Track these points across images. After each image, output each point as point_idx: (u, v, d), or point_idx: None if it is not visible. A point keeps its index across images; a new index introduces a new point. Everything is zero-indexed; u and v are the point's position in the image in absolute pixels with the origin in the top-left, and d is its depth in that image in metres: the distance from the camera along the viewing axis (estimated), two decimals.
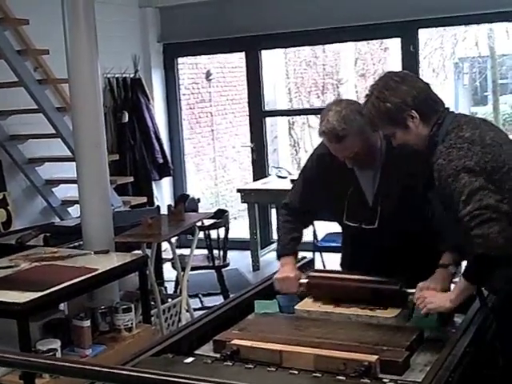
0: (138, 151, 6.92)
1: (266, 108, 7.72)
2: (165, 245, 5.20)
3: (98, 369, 1.56)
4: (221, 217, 5.33)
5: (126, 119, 6.80)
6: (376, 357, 2.01)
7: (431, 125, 2.31)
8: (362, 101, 2.48)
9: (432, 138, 2.31)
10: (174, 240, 4.97)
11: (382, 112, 2.31)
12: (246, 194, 6.64)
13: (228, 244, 5.43)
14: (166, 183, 7.54)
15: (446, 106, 2.38)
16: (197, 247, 4.81)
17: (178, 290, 4.91)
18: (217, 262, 5.35)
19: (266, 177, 7.11)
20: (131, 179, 6.50)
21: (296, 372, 2.01)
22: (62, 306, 3.67)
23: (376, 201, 2.63)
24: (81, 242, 4.10)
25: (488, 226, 2.06)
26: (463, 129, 2.25)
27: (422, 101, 2.30)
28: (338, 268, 2.92)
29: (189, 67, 9.80)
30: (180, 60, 7.89)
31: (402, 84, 2.32)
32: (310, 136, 11.85)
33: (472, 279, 2.19)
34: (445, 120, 2.30)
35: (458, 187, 2.13)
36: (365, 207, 2.66)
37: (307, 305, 2.60)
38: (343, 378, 1.94)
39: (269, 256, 6.96)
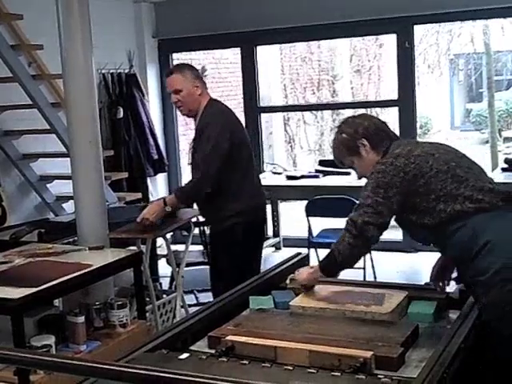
0: (133, 147, 6.90)
1: (261, 104, 7.71)
2: (160, 241, 5.19)
3: (93, 365, 1.56)
4: None
5: (121, 115, 6.78)
6: (371, 353, 2.02)
7: (381, 152, 2.61)
8: (357, 97, 2.63)
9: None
10: (168, 236, 4.97)
11: (340, 142, 2.70)
12: None
13: None
14: (161, 179, 7.53)
15: (398, 137, 2.71)
16: (192, 243, 4.81)
17: (173, 286, 4.91)
18: None
19: (260, 173, 7.10)
20: (126, 175, 6.48)
21: (291, 368, 2.00)
22: (56, 302, 3.67)
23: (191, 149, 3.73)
24: (75, 238, 4.09)
25: (348, 236, 2.48)
26: (398, 147, 2.58)
27: (372, 131, 2.65)
28: None
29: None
30: (175, 56, 7.86)
31: (357, 118, 2.74)
32: (305, 132, 11.84)
33: (322, 270, 2.60)
34: (391, 146, 2.62)
35: (361, 194, 2.53)
36: None
37: (302, 301, 2.60)
38: (338, 373, 1.94)
39: (264, 252, 6.94)
